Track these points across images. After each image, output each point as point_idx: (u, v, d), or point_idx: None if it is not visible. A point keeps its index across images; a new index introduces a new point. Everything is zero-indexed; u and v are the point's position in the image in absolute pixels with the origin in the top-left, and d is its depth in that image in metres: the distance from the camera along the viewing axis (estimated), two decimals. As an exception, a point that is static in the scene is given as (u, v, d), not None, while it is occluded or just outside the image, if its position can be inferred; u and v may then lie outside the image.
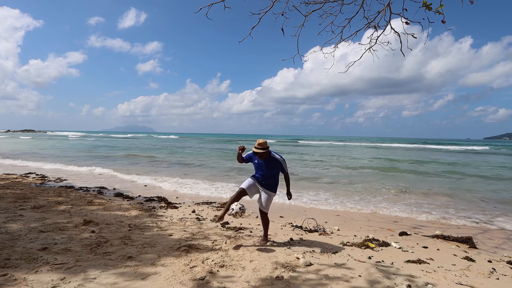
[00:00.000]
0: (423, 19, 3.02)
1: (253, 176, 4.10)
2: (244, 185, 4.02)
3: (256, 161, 4.03)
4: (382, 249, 4.19)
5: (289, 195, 4.13)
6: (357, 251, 4.04)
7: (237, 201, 3.96)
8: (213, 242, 3.90)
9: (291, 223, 5.48)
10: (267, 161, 3.95)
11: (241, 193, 4.00)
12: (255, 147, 3.90)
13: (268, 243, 4.09)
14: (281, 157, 3.99)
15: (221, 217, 4.00)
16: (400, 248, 4.28)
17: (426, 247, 4.44)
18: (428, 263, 3.71)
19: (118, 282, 2.69)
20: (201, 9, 3.56)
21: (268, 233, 4.59)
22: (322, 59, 4.31)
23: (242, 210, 3.76)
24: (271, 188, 4.04)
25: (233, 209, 3.75)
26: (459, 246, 4.59)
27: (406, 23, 3.23)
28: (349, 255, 3.78)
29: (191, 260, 3.25)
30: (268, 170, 3.98)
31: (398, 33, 3.52)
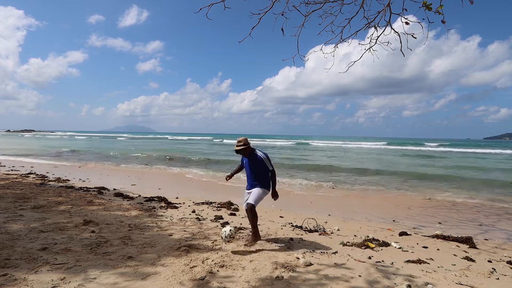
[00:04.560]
0: (423, 19, 3.03)
1: (245, 189, 4.13)
2: (244, 205, 4.06)
3: (244, 161, 4.08)
4: (382, 249, 4.19)
5: (274, 195, 3.98)
6: (357, 251, 4.04)
7: (256, 220, 3.95)
8: (213, 242, 3.90)
9: (291, 223, 5.48)
10: (251, 159, 3.95)
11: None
12: (236, 145, 3.93)
13: (257, 244, 3.90)
14: (264, 153, 3.91)
15: (255, 239, 3.97)
16: (400, 248, 4.28)
17: (426, 247, 4.44)
18: (428, 263, 3.71)
19: (118, 282, 2.69)
20: (201, 9, 3.56)
21: (269, 233, 4.58)
22: (324, 58, 4.31)
23: (230, 235, 3.71)
24: (258, 185, 3.93)
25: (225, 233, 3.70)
26: (459, 246, 4.58)
27: (406, 23, 3.23)
28: (349, 255, 3.78)
29: (191, 260, 3.25)
30: (253, 169, 3.95)
31: (398, 33, 3.52)
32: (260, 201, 3.93)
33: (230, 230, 3.70)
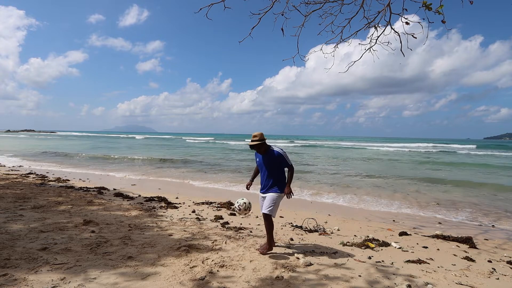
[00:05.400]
0: (423, 19, 3.03)
1: (260, 192, 3.83)
2: (262, 211, 3.70)
3: (258, 159, 3.77)
4: (382, 249, 4.18)
5: (288, 193, 3.59)
6: (357, 251, 4.04)
7: (272, 228, 3.70)
8: (213, 242, 3.90)
9: (291, 223, 5.48)
10: (266, 156, 3.68)
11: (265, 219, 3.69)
12: (251, 140, 3.64)
13: (269, 252, 3.66)
14: (281, 150, 3.66)
15: (269, 247, 3.69)
16: (400, 248, 4.28)
17: (426, 247, 4.44)
18: (428, 263, 3.71)
19: (118, 282, 2.69)
20: (201, 9, 3.56)
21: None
22: (325, 58, 4.30)
23: (245, 208, 3.77)
24: (273, 189, 3.65)
25: (237, 206, 3.80)
26: (459, 246, 4.58)
27: (407, 23, 3.23)
28: (349, 255, 3.78)
29: (191, 260, 3.25)
30: (269, 168, 3.66)
31: (398, 33, 3.52)
32: (277, 208, 3.64)
33: (244, 202, 3.78)
